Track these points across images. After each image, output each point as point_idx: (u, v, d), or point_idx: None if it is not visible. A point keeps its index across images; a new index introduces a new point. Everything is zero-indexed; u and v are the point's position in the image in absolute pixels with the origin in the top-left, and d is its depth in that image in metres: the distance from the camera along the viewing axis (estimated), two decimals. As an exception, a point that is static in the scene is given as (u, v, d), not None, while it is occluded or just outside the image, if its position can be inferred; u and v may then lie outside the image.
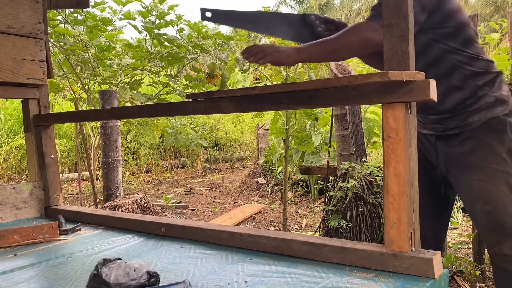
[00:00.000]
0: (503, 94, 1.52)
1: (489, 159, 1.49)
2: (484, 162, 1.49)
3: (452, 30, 1.49)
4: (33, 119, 2.07)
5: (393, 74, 0.97)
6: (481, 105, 1.51)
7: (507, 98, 1.53)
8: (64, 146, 8.16)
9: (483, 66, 1.53)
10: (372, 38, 1.36)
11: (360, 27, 1.38)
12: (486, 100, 1.50)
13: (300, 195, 5.87)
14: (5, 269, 1.28)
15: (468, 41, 1.52)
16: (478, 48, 1.55)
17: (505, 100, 1.51)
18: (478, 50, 1.55)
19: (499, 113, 1.49)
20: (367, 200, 3.08)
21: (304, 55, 1.31)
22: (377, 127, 4.68)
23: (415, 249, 1.07)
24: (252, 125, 10.94)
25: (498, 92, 1.52)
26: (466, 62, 1.51)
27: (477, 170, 1.50)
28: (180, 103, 1.53)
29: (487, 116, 1.50)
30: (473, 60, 1.52)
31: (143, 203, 3.80)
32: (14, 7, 1.97)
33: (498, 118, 1.49)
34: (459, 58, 1.51)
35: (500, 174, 1.47)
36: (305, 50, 1.31)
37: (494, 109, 1.50)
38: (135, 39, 8.19)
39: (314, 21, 1.59)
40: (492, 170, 1.48)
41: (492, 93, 1.51)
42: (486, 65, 1.54)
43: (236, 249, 1.34)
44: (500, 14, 22.37)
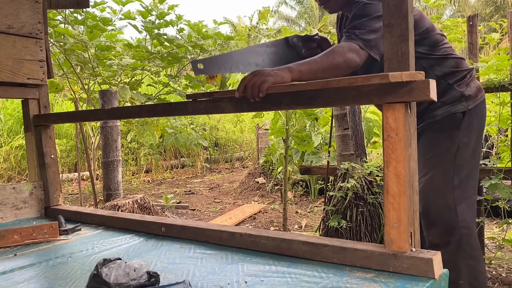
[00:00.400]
0: (469, 90, 1.61)
1: (433, 152, 1.60)
2: (429, 154, 1.61)
3: (417, 38, 1.53)
4: (33, 119, 2.07)
5: (393, 76, 0.98)
6: (446, 99, 1.60)
7: (474, 94, 1.62)
8: (64, 146, 8.16)
9: (452, 64, 1.63)
10: (353, 59, 1.41)
11: (343, 48, 1.42)
12: (451, 94, 1.60)
13: (300, 195, 5.87)
14: (5, 269, 1.28)
15: (434, 45, 1.63)
16: (446, 48, 1.65)
17: (470, 96, 1.60)
18: (446, 49, 1.64)
19: (461, 109, 1.59)
20: (367, 200, 3.08)
21: (296, 75, 1.32)
22: (377, 127, 4.68)
23: (415, 249, 1.07)
24: (252, 125, 10.94)
25: (465, 88, 1.61)
26: (435, 64, 1.62)
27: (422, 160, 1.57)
28: (180, 103, 1.53)
29: (450, 111, 1.59)
30: (441, 61, 1.62)
31: (143, 203, 3.80)
32: (14, 7, 1.97)
33: (455, 115, 1.59)
34: (429, 62, 1.61)
35: (438, 167, 1.59)
36: (296, 69, 1.33)
37: (458, 104, 1.60)
38: (135, 39, 8.19)
39: (296, 43, 1.63)
40: (433, 163, 1.59)
41: (459, 88, 1.61)
42: (455, 63, 1.64)
43: (236, 249, 1.34)
44: (500, 14, 22.38)
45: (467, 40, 3.21)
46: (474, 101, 1.61)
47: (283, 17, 29.71)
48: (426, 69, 1.60)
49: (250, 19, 18.72)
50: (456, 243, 1.55)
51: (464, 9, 23.92)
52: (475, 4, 24.88)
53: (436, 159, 1.60)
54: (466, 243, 1.56)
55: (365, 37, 1.43)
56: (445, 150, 1.59)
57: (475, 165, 1.65)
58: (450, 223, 1.56)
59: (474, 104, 1.61)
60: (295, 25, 28.52)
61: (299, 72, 1.32)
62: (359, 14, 1.50)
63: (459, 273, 1.54)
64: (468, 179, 1.61)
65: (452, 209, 1.56)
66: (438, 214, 1.57)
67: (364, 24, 1.45)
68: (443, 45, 1.65)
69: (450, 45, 1.69)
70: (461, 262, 1.55)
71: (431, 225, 1.59)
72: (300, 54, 1.63)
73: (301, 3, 29.65)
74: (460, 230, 1.55)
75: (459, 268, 1.54)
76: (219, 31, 4.35)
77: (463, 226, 1.56)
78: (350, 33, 1.46)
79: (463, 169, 1.59)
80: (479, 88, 1.67)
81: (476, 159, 1.66)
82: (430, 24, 1.64)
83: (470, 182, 1.62)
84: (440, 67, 1.62)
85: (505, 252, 3.02)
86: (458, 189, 1.58)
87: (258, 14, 4.01)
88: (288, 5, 30.34)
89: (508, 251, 3.07)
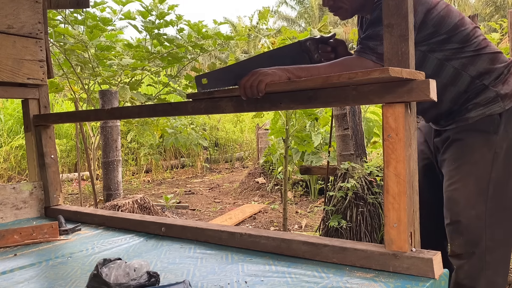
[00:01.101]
0: (507, 88, 1.46)
1: (467, 158, 1.47)
2: (462, 159, 1.49)
3: (445, 36, 1.45)
4: (33, 119, 2.07)
5: (393, 70, 0.97)
6: (480, 100, 1.46)
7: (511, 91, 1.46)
8: (64, 146, 8.16)
9: (487, 61, 1.47)
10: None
11: (354, 63, 1.34)
12: (486, 95, 1.45)
13: (300, 195, 5.86)
14: (5, 269, 1.28)
15: (465, 41, 1.47)
16: (479, 42, 1.47)
17: (507, 95, 1.45)
18: (480, 43, 1.47)
19: (497, 110, 1.45)
20: (367, 200, 3.08)
21: (293, 77, 1.26)
22: (377, 127, 4.68)
23: (415, 249, 1.07)
24: (252, 125, 10.94)
25: (501, 86, 1.45)
26: (468, 63, 1.46)
27: (454, 165, 1.50)
28: (180, 103, 1.53)
29: (485, 113, 1.45)
30: (475, 58, 1.46)
31: (143, 203, 3.80)
32: (14, 7, 1.97)
33: (492, 117, 1.45)
34: (460, 61, 1.46)
35: (473, 176, 1.46)
36: (294, 73, 1.27)
37: (493, 105, 1.45)
38: (135, 39, 8.19)
39: (309, 47, 1.51)
40: (467, 171, 1.47)
41: (493, 88, 1.46)
42: (490, 59, 1.47)
43: (236, 249, 1.34)
44: (500, 14, 22.38)
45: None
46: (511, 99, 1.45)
47: (283, 17, 29.72)
48: (459, 71, 1.46)
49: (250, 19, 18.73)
50: (479, 255, 1.46)
51: (464, 9, 23.93)
52: (475, 4, 24.88)
53: (470, 166, 1.46)
54: (490, 256, 1.46)
55: (379, 51, 1.32)
56: (481, 157, 1.45)
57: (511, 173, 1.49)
58: (478, 234, 1.46)
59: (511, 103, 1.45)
60: (295, 25, 28.53)
61: (296, 77, 1.27)
62: (376, 20, 1.38)
63: (476, 285, 1.47)
64: (504, 189, 1.47)
65: (482, 220, 1.45)
66: (468, 224, 1.46)
67: (379, 34, 1.32)
68: (475, 38, 1.47)
69: (484, 37, 1.50)
70: (481, 275, 1.47)
71: (458, 234, 1.48)
72: (312, 59, 1.52)
73: (301, 3, 29.65)
74: (485, 243, 1.46)
75: (478, 281, 1.47)
76: (219, 31, 4.35)
77: (489, 239, 1.46)
78: (363, 46, 1.37)
79: (499, 178, 1.45)
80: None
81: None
82: (459, 18, 1.46)
83: (507, 192, 1.48)
84: (474, 66, 1.46)
85: (505, 252, 3.01)
86: (493, 200, 1.45)
87: (258, 14, 4.01)
88: (288, 5, 30.36)
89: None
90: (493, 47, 1.50)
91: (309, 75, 1.28)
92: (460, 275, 1.50)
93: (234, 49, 21.04)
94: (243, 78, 1.27)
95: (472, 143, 1.47)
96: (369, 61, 1.34)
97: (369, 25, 1.41)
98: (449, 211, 1.52)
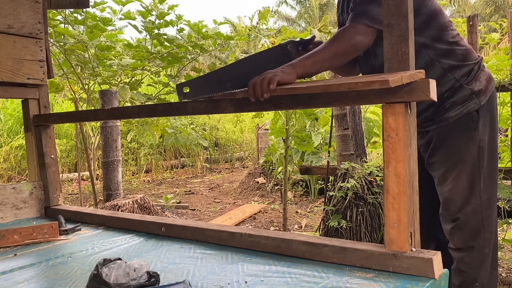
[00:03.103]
0: (479, 84, 1.51)
1: (455, 157, 1.52)
2: (451, 160, 1.53)
3: (425, 18, 1.46)
4: (33, 119, 2.07)
5: (393, 81, 0.97)
6: (456, 99, 1.51)
7: (484, 87, 1.52)
8: (64, 146, 8.16)
9: (460, 57, 1.51)
10: (361, 42, 1.35)
11: (348, 32, 1.36)
12: (461, 93, 1.50)
13: (300, 195, 5.86)
14: (5, 269, 1.28)
15: (443, 29, 1.50)
16: (454, 35, 1.52)
17: (481, 91, 1.51)
18: (454, 37, 1.52)
19: (474, 107, 1.50)
20: (367, 200, 3.08)
21: (301, 70, 1.28)
22: (377, 127, 4.68)
23: (415, 249, 1.07)
24: (252, 125, 10.94)
25: (474, 84, 1.51)
26: (442, 54, 1.50)
27: (444, 167, 1.54)
28: (180, 103, 1.53)
29: (463, 111, 1.50)
30: (448, 51, 1.50)
31: (143, 203, 3.80)
32: (14, 7, 1.97)
33: (470, 114, 1.50)
34: (435, 52, 1.49)
35: (463, 174, 1.51)
36: (300, 64, 1.29)
37: (469, 102, 1.50)
38: (135, 39, 8.19)
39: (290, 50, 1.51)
40: (457, 169, 1.52)
41: (468, 86, 1.50)
42: (462, 55, 1.52)
43: (236, 249, 1.34)
44: (500, 14, 22.38)
45: (467, 40, 3.21)
46: (485, 94, 1.52)
47: (283, 17, 29.72)
48: (433, 60, 1.49)
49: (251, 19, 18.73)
50: (479, 248, 1.52)
51: (464, 9, 23.93)
52: (475, 4, 24.88)
53: (459, 164, 1.52)
54: (488, 248, 1.53)
55: (371, 13, 1.33)
56: (468, 153, 1.51)
57: (496, 162, 1.58)
58: (477, 228, 1.52)
59: (486, 98, 1.52)
60: (295, 24, 28.54)
61: (303, 67, 1.28)
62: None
63: (477, 277, 1.52)
64: (491, 180, 1.55)
65: (479, 213, 1.51)
66: (466, 219, 1.52)
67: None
68: (451, 30, 1.52)
69: (457, 32, 1.56)
70: (481, 266, 1.53)
71: (457, 230, 1.54)
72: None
73: (301, 3, 29.64)
74: (484, 235, 1.52)
75: (479, 272, 1.52)
76: (219, 31, 4.35)
77: (487, 231, 1.52)
78: (355, 12, 1.37)
79: (487, 170, 1.52)
80: (489, 78, 1.56)
81: (496, 154, 1.58)
82: (438, 6, 1.51)
83: (493, 183, 1.56)
84: (447, 59, 1.50)
85: (505, 252, 3.02)
86: (485, 192, 1.52)
87: (258, 14, 4.01)
88: (288, 5, 30.35)
89: (508, 251, 3.07)
90: (465, 43, 1.56)
91: (315, 61, 1.30)
92: (461, 267, 1.55)
93: (234, 49, 21.04)
94: (253, 80, 1.23)
95: (457, 143, 1.52)
96: (363, 26, 1.34)
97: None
98: (447, 211, 1.56)
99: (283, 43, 1.52)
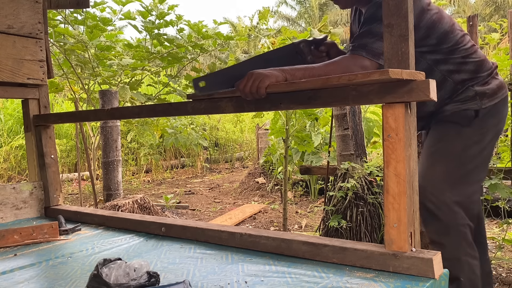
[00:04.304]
0: (487, 88, 1.52)
1: (439, 145, 1.54)
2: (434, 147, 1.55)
3: (435, 41, 1.49)
4: (33, 119, 2.07)
5: (393, 72, 0.98)
6: (459, 98, 1.53)
7: (492, 91, 1.52)
8: (64, 146, 8.16)
9: (472, 69, 1.53)
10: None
11: (347, 61, 1.36)
12: (465, 94, 1.52)
13: (300, 195, 5.86)
14: (5, 269, 1.28)
15: (454, 47, 1.52)
16: (466, 49, 1.53)
17: (486, 94, 1.51)
18: (467, 50, 1.53)
19: (473, 107, 1.51)
20: (367, 200, 3.08)
21: (289, 77, 1.27)
22: (377, 127, 4.68)
23: (415, 249, 1.07)
24: (252, 125, 10.94)
25: (480, 87, 1.52)
26: (455, 70, 1.53)
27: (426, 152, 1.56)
28: (180, 103, 1.53)
29: (460, 107, 1.52)
30: (461, 66, 1.52)
31: (143, 203, 3.80)
32: (14, 7, 1.97)
33: (466, 112, 1.51)
34: (447, 67, 1.52)
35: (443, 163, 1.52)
36: (290, 72, 1.29)
37: (470, 102, 1.51)
38: (135, 39, 8.19)
39: (303, 49, 1.54)
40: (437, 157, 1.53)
41: (473, 88, 1.52)
42: (475, 67, 1.53)
43: (236, 249, 1.34)
44: (500, 14, 22.39)
45: (467, 40, 3.21)
46: (491, 99, 1.51)
47: (283, 17, 29.73)
48: (445, 77, 1.52)
49: (251, 19, 18.74)
50: (455, 242, 1.51)
51: (464, 9, 23.93)
52: (475, 4, 24.88)
53: (440, 153, 1.53)
54: (464, 241, 1.52)
55: (374, 46, 1.35)
56: (451, 145, 1.52)
57: (482, 166, 1.56)
58: (448, 221, 1.51)
59: (491, 103, 1.51)
60: (295, 24, 28.54)
61: (292, 76, 1.28)
62: (371, 16, 1.40)
63: (460, 270, 1.51)
64: (471, 179, 1.54)
65: (450, 207, 1.50)
66: (435, 210, 1.51)
67: (373, 31, 1.36)
68: (463, 46, 1.53)
69: (472, 44, 1.57)
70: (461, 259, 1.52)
71: (428, 220, 1.53)
72: (305, 61, 1.54)
73: (301, 3, 29.65)
74: (458, 228, 1.51)
75: (460, 265, 1.51)
76: (219, 31, 4.35)
77: (461, 224, 1.51)
78: (356, 44, 1.38)
79: (468, 168, 1.52)
80: (501, 85, 1.55)
81: (485, 159, 1.56)
82: (448, 26, 1.52)
83: (473, 184, 1.55)
84: (459, 73, 1.52)
85: (505, 252, 3.02)
86: (460, 187, 1.51)
87: (258, 14, 4.01)
88: (288, 5, 30.36)
89: (508, 251, 3.07)
90: (480, 53, 1.57)
91: (305, 75, 1.30)
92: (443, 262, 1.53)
93: (234, 49, 21.04)
94: (240, 82, 1.27)
95: (444, 133, 1.55)
96: (363, 58, 1.35)
97: (363, 23, 1.43)
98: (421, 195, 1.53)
99: (296, 42, 1.54)
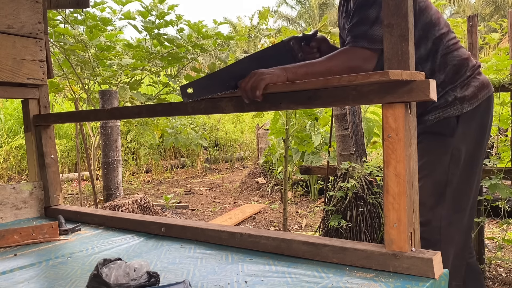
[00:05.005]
0: (466, 91, 1.44)
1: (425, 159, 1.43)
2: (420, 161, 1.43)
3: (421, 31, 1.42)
4: (33, 119, 2.07)
5: (393, 73, 0.98)
6: (438, 104, 1.45)
7: (472, 94, 1.45)
8: (64, 146, 8.16)
9: (453, 70, 1.45)
10: (359, 67, 1.32)
11: (347, 55, 1.33)
12: (444, 99, 1.45)
13: (300, 195, 5.86)
14: (5, 269, 1.28)
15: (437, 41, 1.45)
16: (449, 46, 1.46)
17: (465, 98, 1.44)
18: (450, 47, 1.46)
19: (454, 113, 1.44)
20: (367, 200, 3.08)
21: (292, 76, 1.26)
22: (377, 127, 4.68)
23: (415, 249, 1.07)
24: (252, 125, 10.94)
25: (459, 90, 1.44)
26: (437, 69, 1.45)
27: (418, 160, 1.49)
28: (180, 103, 1.53)
29: (442, 116, 1.44)
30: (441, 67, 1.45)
31: (143, 203, 3.80)
32: (14, 7, 1.97)
33: (448, 120, 1.44)
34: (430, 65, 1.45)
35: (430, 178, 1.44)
36: (292, 70, 1.27)
37: (450, 108, 1.44)
38: (135, 39, 8.18)
39: (293, 46, 1.50)
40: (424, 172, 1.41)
41: (452, 92, 1.45)
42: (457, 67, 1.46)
43: (236, 249, 1.34)
44: (500, 14, 22.39)
45: (467, 40, 3.21)
46: (472, 102, 1.44)
47: (283, 17, 29.74)
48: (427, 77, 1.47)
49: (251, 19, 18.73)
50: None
51: (464, 9, 23.93)
52: (475, 4, 24.88)
53: (427, 168, 1.44)
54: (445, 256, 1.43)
55: (373, 33, 1.30)
56: (438, 159, 1.44)
57: (472, 175, 1.49)
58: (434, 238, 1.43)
59: (472, 106, 1.44)
60: (295, 24, 28.54)
61: (295, 74, 1.27)
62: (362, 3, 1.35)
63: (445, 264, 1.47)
64: (461, 194, 1.46)
65: (437, 227, 1.43)
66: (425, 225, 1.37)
67: (369, 17, 1.31)
68: (447, 42, 1.46)
69: (456, 41, 1.49)
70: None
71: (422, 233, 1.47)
72: (296, 58, 1.51)
73: (301, 3, 29.65)
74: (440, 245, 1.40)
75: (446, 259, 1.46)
76: (219, 31, 4.35)
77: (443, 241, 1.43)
78: (353, 34, 1.34)
79: (457, 182, 1.44)
80: (482, 86, 1.47)
81: (475, 167, 1.49)
82: (435, 17, 1.45)
83: (464, 196, 1.47)
84: (440, 73, 1.45)
85: (505, 252, 3.02)
86: (449, 205, 1.44)
87: (258, 14, 4.01)
88: (288, 5, 30.36)
89: (508, 251, 3.07)
90: (463, 52, 1.49)
91: (308, 72, 1.28)
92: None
93: (234, 49, 21.04)
94: (243, 80, 1.26)
95: (429, 146, 1.46)
96: (363, 49, 1.32)
97: (355, 11, 1.38)
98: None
99: (286, 39, 1.51)
